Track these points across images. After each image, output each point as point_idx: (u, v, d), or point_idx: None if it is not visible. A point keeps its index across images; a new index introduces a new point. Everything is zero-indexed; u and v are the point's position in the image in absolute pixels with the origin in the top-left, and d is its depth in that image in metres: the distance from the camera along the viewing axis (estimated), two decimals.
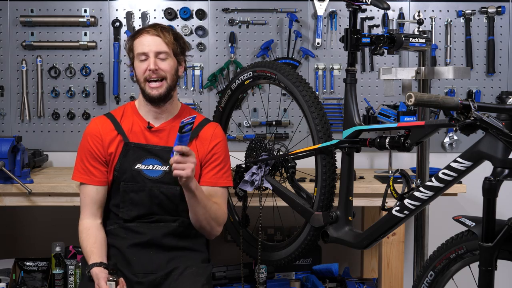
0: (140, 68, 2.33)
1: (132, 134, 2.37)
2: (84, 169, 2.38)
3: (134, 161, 2.35)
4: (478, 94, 3.48)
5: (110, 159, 2.37)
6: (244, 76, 2.59)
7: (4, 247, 3.51)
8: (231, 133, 3.44)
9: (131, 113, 2.42)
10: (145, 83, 2.33)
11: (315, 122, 2.31)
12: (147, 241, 2.33)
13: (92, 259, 2.26)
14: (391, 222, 2.12)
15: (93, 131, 2.38)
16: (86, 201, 2.37)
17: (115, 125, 2.39)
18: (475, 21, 3.46)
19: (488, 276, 1.81)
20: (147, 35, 2.33)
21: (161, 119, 2.40)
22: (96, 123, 2.41)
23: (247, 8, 3.47)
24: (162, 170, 2.35)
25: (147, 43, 2.32)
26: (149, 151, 2.36)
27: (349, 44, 2.29)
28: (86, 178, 2.37)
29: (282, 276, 3.28)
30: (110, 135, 2.37)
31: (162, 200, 2.35)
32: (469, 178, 2.11)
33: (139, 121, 2.39)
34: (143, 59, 2.32)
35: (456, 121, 1.80)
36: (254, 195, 2.58)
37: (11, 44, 3.47)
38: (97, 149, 2.36)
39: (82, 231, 2.35)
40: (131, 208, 2.35)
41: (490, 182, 1.78)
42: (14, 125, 3.50)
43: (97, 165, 2.36)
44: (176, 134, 2.11)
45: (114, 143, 2.37)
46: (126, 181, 2.35)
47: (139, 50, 2.33)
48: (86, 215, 2.37)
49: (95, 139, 2.37)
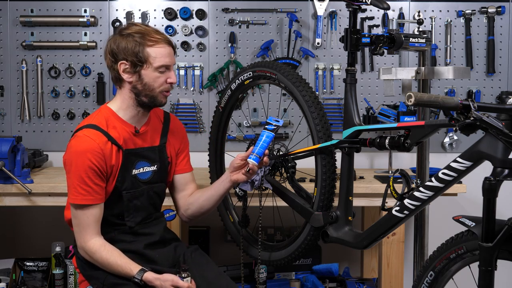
0: (159, 79, 2.26)
1: (123, 141, 2.30)
2: (86, 190, 2.22)
3: (130, 167, 2.32)
4: (478, 94, 3.48)
5: (111, 171, 2.27)
6: (244, 76, 2.58)
7: (4, 247, 3.51)
8: (231, 133, 3.44)
9: (114, 120, 2.30)
10: (161, 93, 2.28)
11: (315, 122, 2.31)
12: (159, 239, 2.37)
13: (134, 268, 2.20)
14: (391, 222, 2.12)
15: (93, 147, 2.21)
16: (89, 222, 2.25)
17: (106, 136, 2.26)
18: (475, 21, 3.46)
19: (488, 276, 1.80)
20: (165, 45, 2.26)
21: (142, 121, 2.37)
22: (90, 138, 2.23)
23: (247, 8, 3.47)
24: (151, 171, 2.37)
25: (167, 54, 2.25)
26: (139, 154, 2.34)
27: (349, 44, 2.29)
28: (89, 198, 2.22)
29: (282, 276, 3.28)
30: (107, 147, 2.26)
31: (156, 199, 2.41)
32: (469, 178, 2.11)
33: (125, 127, 2.31)
34: (163, 71, 2.26)
35: (456, 121, 1.80)
36: (254, 195, 2.57)
37: (11, 44, 3.48)
38: (100, 165, 2.23)
39: (98, 250, 2.24)
40: (135, 214, 2.33)
41: (490, 182, 1.77)
42: (14, 125, 3.50)
43: (99, 182, 2.24)
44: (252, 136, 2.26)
45: (113, 155, 2.27)
46: (127, 190, 2.30)
47: (162, 63, 2.24)
48: (92, 235, 2.25)
49: (97, 155, 2.21)
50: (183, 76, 3.49)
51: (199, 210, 2.46)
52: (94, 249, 2.24)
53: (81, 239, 2.26)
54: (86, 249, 2.25)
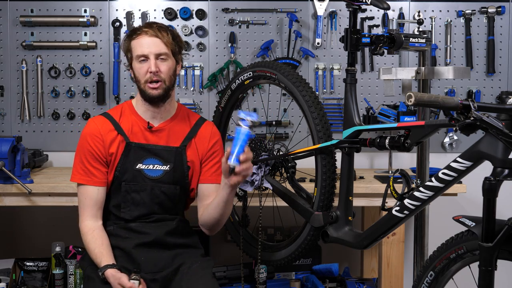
0: (141, 70, 2.32)
1: (133, 134, 2.37)
2: (84, 170, 2.35)
3: (135, 161, 2.35)
4: (478, 94, 3.48)
5: (111, 159, 2.35)
6: (244, 76, 2.59)
7: (4, 247, 3.51)
8: (231, 133, 3.44)
9: (129, 113, 2.40)
10: (145, 84, 2.32)
11: (315, 122, 2.31)
12: (152, 241, 2.35)
13: (104, 261, 2.24)
14: (391, 222, 2.12)
15: (93, 131, 2.35)
16: (87, 203, 2.34)
17: (114, 125, 2.37)
18: (475, 21, 3.46)
19: (488, 276, 1.81)
20: (145, 36, 2.31)
21: (160, 118, 2.40)
22: (95, 123, 2.38)
23: (247, 8, 3.47)
24: (163, 170, 2.37)
25: (146, 44, 2.30)
26: (150, 150, 2.37)
27: (349, 44, 2.29)
28: (86, 179, 2.35)
29: (282, 276, 3.28)
30: (111, 135, 2.36)
31: (163, 200, 2.37)
32: (469, 178, 2.11)
33: (138, 121, 2.39)
34: (142, 60, 2.31)
35: (456, 121, 1.80)
36: (254, 195, 2.58)
37: (11, 44, 3.47)
38: (98, 150, 2.34)
39: (86, 233, 2.33)
40: (133, 208, 2.35)
41: (490, 182, 1.77)
42: (14, 125, 3.50)
43: (98, 165, 2.35)
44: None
45: (115, 143, 2.35)
46: (127, 181, 2.35)
47: (139, 52, 2.31)
48: (87, 217, 2.35)
49: (95, 139, 2.34)
50: (183, 76, 3.49)
51: (210, 219, 2.36)
52: (84, 231, 2.34)
53: (79, 220, 2.37)
54: (80, 229, 2.36)
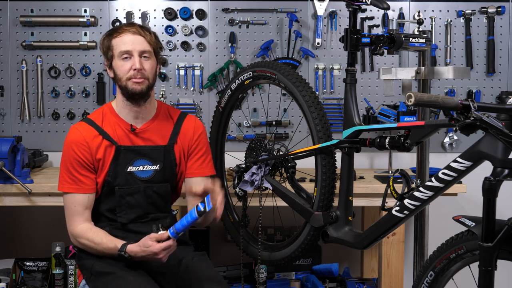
0: (123, 67, 2.29)
1: (118, 137, 2.34)
2: (72, 179, 2.31)
3: (125, 164, 2.33)
4: (478, 94, 3.48)
5: (98, 165, 2.32)
6: (244, 76, 2.59)
7: (4, 247, 3.51)
8: (231, 133, 3.44)
9: (110, 116, 2.36)
10: (128, 80, 2.29)
11: (315, 122, 2.31)
12: None
13: (118, 243, 2.22)
14: (391, 222, 2.12)
15: (78, 139, 2.31)
16: (77, 210, 2.31)
17: (98, 130, 2.33)
18: (475, 21, 3.46)
19: (488, 276, 1.80)
20: (129, 34, 2.29)
21: (142, 119, 2.38)
22: (78, 130, 2.33)
23: (247, 8, 3.47)
24: (153, 170, 2.37)
25: (130, 41, 2.28)
26: (139, 152, 2.35)
27: (349, 44, 2.29)
28: (76, 187, 2.31)
29: (282, 276, 3.28)
30: (96, 141, 2.32)
31: (156, 199, 2.38)
32: (469, 178, 2.11)
33: (121, 124, 2.35)
34: (125, 58, 2.29)
35: (456, 121, 1.80)
36: (254, 195, 2.57)
37: (11, 44, 3.48)
38: (85, 157, 2.30)
39: (85, 232, 2.30)
40: (128, 211, 2.34)
41: (490, 182, 1.77)
42: (14, 125, 3.50)
43: (86, 172, 2.31)
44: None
45: (101, 149, 2.32)
46: (120, 185, 2.33)
47: (122, 49, 2.28)
48: (80, 222, 2.31)
49: (81, 146, 2.30)
50: (183, 76, 3.49)
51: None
52: (81, 233, 2.30)
53: (70, 227, 2.34)
54: (74, 235, 2.32)
